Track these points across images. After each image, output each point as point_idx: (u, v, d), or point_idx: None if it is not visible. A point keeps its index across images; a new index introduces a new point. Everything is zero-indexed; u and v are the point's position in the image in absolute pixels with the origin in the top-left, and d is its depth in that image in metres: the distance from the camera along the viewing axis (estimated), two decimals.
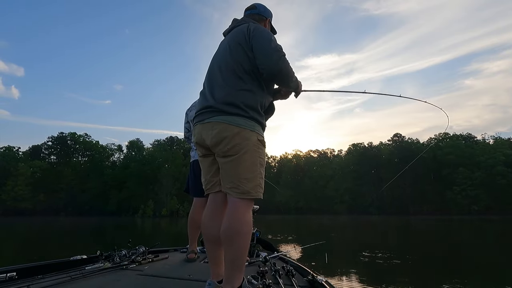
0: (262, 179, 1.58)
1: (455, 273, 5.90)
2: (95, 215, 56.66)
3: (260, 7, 1.86)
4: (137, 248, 2.52)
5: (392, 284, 5.07)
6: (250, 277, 1.87)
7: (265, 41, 1.57)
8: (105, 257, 2.34)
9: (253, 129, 1.54)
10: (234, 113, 1.53)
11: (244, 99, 1.55)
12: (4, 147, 67.75)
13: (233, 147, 1.51)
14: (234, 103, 1.53)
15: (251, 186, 1.51)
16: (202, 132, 1.60)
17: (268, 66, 1.54)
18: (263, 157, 1.59)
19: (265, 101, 1.66)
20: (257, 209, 2.82)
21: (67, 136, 71.76)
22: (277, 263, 2.39)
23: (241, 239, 1.45)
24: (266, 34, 1.62)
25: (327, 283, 1.80)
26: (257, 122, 1.58)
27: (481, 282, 5.47)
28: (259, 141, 1.57)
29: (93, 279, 1.91)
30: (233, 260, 1.45)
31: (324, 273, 5.31)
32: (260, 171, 1.56)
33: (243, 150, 1.51)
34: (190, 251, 2.66)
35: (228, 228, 1.46)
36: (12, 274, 1.89)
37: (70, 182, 63.70)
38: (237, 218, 1.47)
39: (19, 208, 58.27)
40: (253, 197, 1.52)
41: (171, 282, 1.93)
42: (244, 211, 1.50)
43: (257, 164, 1.54)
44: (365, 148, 74.20)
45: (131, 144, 71.98)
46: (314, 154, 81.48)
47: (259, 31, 1.62)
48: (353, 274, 5.77)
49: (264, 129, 1.67)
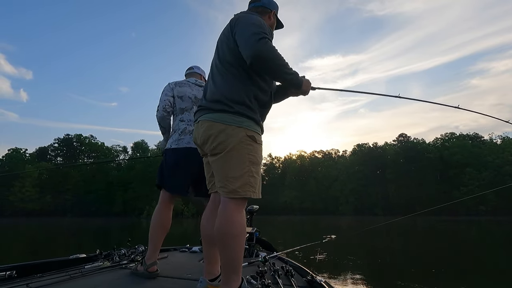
0: (254, 178, 1.47)
1: (466, 277, 5.77)
2: (101, 216, 57.16)
3: (265, 0, 1.75)
4: (136, 247, 2.52)
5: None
6: (249, 277, 1.86)
7: (245, 26, 1.46)
8: (104, 256, 2.35)
9: (239, 125, 1.46)
10: (219, 110, 1.48)
11: (228, 93, 1.49)
12: (11, 149, 68.70)
13: (218, 144, 1.46)
14: (219, 99, 1.49)
15: (239, 185, 1.43)
16: (195, 131, 1.63)
17: (245, 50, 1.41)
18: (255, 153, 1.49)
19: (259, 95, 1.54)
20: (256, 209, 2.80)
21: (73, 137, 72.53)
22: (276, 263, 2.37)
23: (232, 241, 1.40)
24: (248, 19, 1.51)
25: (326, 284, 1.78)
26: (245, 117, 1.47)
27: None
28: (249, 137, 1.47)
29: (92, 278, 1.91)
30: (227, 262, 1.42)
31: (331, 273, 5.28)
32: (249, 168, 1.45)
33: (228, 147, 1.45)
34: (151, 263, 2.01)
35: (218, 229, 1.42)
36: (12, 272, 1.90)
37: (76, 183, 64.29)
38: (226, 218, 1.42)
39: (27, 209, 58.96)
40: (242, 197, 1.44)
41: (170, 282, 1.92)
42: (233, 211, 1.43)
43: (245, 161, 1.45)
44: (370, 148, 73.66)
45: (136, 145, 72.52)
46: (318, 155, 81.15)
47: (242, 18, 1.53)
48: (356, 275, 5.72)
49: (260, 123, 1.56)
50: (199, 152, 1.70)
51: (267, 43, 1.41)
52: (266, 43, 1.40)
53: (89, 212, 60.93)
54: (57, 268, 2.11)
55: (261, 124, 1.59)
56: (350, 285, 4.95)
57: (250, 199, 1.52)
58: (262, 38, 1.40)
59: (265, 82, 1.59)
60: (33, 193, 60.11)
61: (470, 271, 6.41)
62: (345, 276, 5.53)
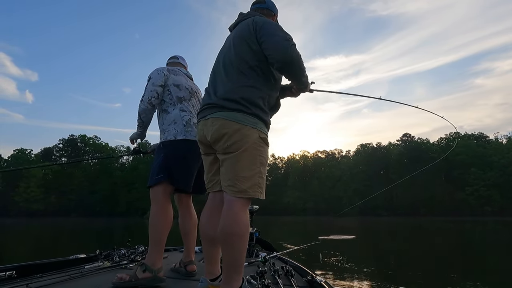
0: (262, 179, 1.51)
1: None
2: (105, 216, 57.56)
3: (269, 2, 1.79)
4: (136, 247, 2.51)
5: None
6: (249, 277, 1.86)
7: (274, 30, 1.51)
8: (104, 256, 2.34)
9: (254, 126, 1.49)
10: (235, 109, 1.48)
11: (246, 95, 1.50)
12: (17, 149, 69.43)
13: (233, 144, 1.47)
14: (235, 99, 1.50)
15: (249, 185, 1.45)
16: (204, 128, 1.59)
17: (278, 54, 1.45)
18: (265, 155, 1.53)
19: (270, 98, 1.61)
20: (256, 209, 2.79)
21: (78, 138, 73.07)
22: (276, 263, 2.36)
23: (237, 241, 1.41)
24: (274, 24, 1.58)
25: (326, 283, 1.76)
26: (259, 119, 1.52)
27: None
28: (261, 139, 1.51)
29: (92, 278, 1.91)
30: (230, 261, 1.42)
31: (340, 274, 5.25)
32: (259, 170, 1.49)
33: (242, 147, 1.46)
34: (159, 268, 1.88)
35: (223, 228, 1.43)
36: (11, 273, 1.90)
37: (80, 184, 64.77)
38: (232, 218, 1.43)
39: (32, 209, 59.49)
40: (250, 197, 1.47)
41: (170, 282, 1.91)
42: (239, 211, 1.45)
43: (256, 162, 1.49)
44: (374, 148, 73.31)
45: (139, 146, 72.87)
46: (321, 155, 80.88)
47: (267, 22, 1.57)
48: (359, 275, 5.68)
49: (268, 126, 1.61)
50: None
51: (297, 50, 1.50)
52: (296, 50, 1.49)
53: (93, 212, 61.34)
54: (57, 268, 2.11)
55: (269, 126, 1.63)
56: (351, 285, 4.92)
57: (253, 199, 1.52)
58: (293, 44, 1.48)
59: (276, 86, 1.67)
60: (38, 193, 60.65)
61: (480, 272, 6.33)
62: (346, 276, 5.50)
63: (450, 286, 4.91)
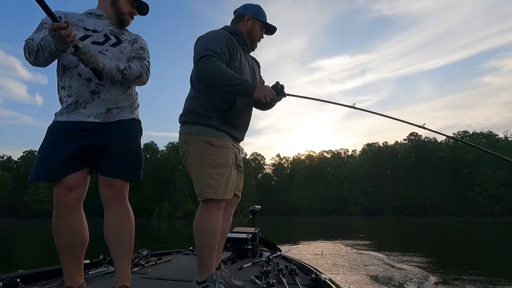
0: (214, 179, 1.54)
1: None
2: None
3: (240, 8, 1.81)
4: (140, 251, 2.46)
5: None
6: (254, 277, 1.89)
7: (197, 46, 1.60)
8: (108, 261, 2.29)
9: (197, 133, 1.60)
10: (182, 122, 1.68)
11: (188, 106, 1.68)
12: (26, 151, 70.57)
13: (183, 154, 1.66)
14: (182, 112, 1.70)
15: (200, 188, 1.56)
16: None
17: (194, 69, 1.58)
18: (213, 157, 1.57)
19: (219, 103, 1.61)
20: (258, 209, 2.79)
21: None
22: (280, 262, 2.36)
23: (197, 238, 1.58)
24: (201, 39, 1.63)
25: (331, 281, 1.77)
26: (202, 125, 1.60)
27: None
28: (207, 143, 1.58)
29: (97, 284, 1.90)
30: (197, 254, 1.60)
31: None
32: (208, 172, 1.55)
33: (189, 155, 1.62)
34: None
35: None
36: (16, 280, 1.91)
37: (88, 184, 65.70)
38: (196, 218, 1.61)
39: (41, 210, 60.32)
40: (204, 198, 1.55)
41: (174, 285, 1.92)
42: (199, 212, 1.59)
43: (203, 165, 1.57)
44: (380, 148, 72.69)
45: (145, 147, 73.40)
46: (327, 155, 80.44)
47: (198, 38, 1.66)
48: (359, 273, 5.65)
49: (220, 128, 1.61)
50: None
51: (207, 61, 1.49)
52: (205, 62, 1.49)
53: (100, 213, 61.86)
54: (61, 275, 2.14)
55: (225, 128, 1.63)
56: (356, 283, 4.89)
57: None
58: (202, 57, 1.50)
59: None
60: (47, 194, 61.53)
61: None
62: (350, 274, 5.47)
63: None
